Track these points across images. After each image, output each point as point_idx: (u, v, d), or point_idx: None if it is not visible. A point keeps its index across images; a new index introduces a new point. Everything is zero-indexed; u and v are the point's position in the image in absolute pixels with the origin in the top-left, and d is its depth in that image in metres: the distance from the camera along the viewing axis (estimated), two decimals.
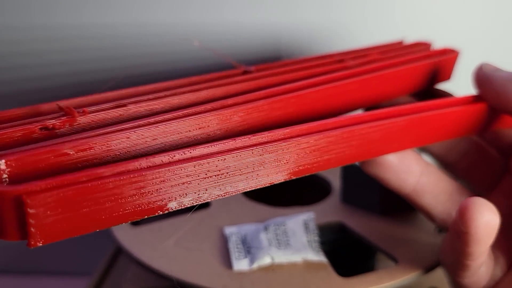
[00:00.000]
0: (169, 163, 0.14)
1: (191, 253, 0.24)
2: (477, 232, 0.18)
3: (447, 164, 0.24)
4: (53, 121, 0.14)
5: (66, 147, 0.13)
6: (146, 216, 0.14)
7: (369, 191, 0.27)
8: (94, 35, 0.35)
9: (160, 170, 0.13)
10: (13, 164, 0.12)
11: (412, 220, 0.27)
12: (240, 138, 0.15)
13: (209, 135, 0.16)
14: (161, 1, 0.35)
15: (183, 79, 0.19)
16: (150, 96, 0.17)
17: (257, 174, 0.15)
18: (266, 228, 0.24)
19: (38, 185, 0.11)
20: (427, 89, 0.25)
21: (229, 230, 0.25)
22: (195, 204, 0.15)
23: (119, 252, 0.33)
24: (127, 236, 0.25)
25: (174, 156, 0.14)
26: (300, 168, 0.17)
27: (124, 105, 0.16)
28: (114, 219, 0.13)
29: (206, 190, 0.14)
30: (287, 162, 0.16)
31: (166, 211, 0.14)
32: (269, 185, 0.16)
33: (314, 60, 0.23)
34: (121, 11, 0.35)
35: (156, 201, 0.14)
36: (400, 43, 0.27)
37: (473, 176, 0.24)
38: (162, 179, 0.13)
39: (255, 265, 0.22)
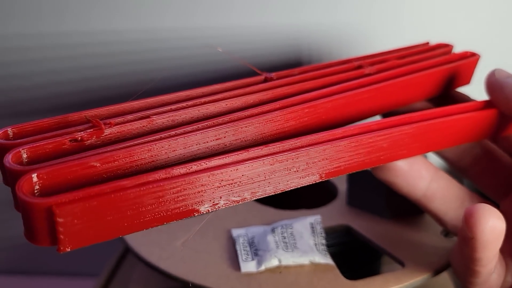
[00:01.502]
0: (186, 174, 0.14)
1: (198, 255, 0.24)
2: (483, 238, 0.18)
3: (460, 169, 0.24)
4: (81, 133, 0.15)
5: (92, 160, 0.14)
6: (164, 223, 0.15)
7: (375, 195, 0.27)
8: (105, 41, 0.36)
9: (177, 180, 0.14)
10: (44, 177, 0.13)
11: (419, 223, 0.27)
12: (253, 149, 0.16)
13: (226, 145, 0.17)
14: (180, 7, 0.35)
15: (205, 88, 0.20)
16: (173, 107, 0.18)
17: (269, 182, 0.16)
18: (273, 231, 0.25)
19: (66, 197, 0.13)
20: (446, 93, 0.25)
21: (236, 232, 0.25)
22: (210, 211, 0.15)
23: (126, 253, 0.33)
24: (135, 237, 0.25)
25: (191, 167, 0.15)
26: (310, 175, 0.17)
27: (148, 117, 0.17)
28: (135, 226, 0.14)
29: (221, 197, 0.15)
30: (297, 171, 0.17)
31: (183, 219, 0.15)
32: (280, 192, 0.17)
33: (333, 66, 0.23)
34: (135, 17, 0.35)
35: (174, 209, 0.14)
36: (426, 44, 0.27)
37: (486, 182, 0.24)
38: (179, 188, 0.14)
39: (263, 267, 0.22)
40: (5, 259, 0.43)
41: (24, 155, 0.14)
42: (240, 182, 0.15)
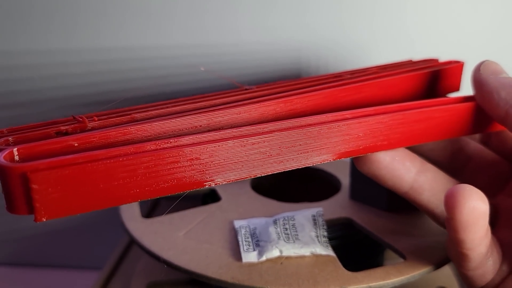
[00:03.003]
0: (156, 150, 0.15)
1: (201, 245, 0.24)
2: (462, 218, 0.18)
3: (451, 172, 0.24)
4: (66, 127, 0.16)
5: (70, 139, 0.15)
6: (138, 200, 0.15)
7: (377, 189, 0.27)
8: (108, 59, 0.38)
9: (147, 155, 0.15)
10: (25, 152, 0.14)
11: (420, 217, 0.27)
12: (223, 130, 0.17)
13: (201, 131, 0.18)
14: (179, 24, 0.36)
15: (188, 96, 0.21)
16: (153, 108, 0.19)
17: (242, 166, 0.17)
18: (275, 222, 0.25)
19: (41, 163, 0.13)
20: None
21: (238, 224, 0.25)
22: (184, 191, 0.16)
23: (130, 246, 0.33)
24: (139, 228, 0.25)
25: (161, 144, 0.15)
26: (285, 162, 0.18)
27: (129, 114, 0.18)
28: (109, 201, 0.15)
29: (193, 177, 0.16)
30: (271, 155, 0.17)
31: (155, 197, 0.16)
32: (253, 177, 0.17)
33: (314, 77, 0.24)
34: (134, 35, 0.36)
35: (145, 186, 0.15)
36: (409, 61, 0.28)
37: (478, 182, 0.24)
38: (150, 164, 0.15)
39: (264, 258, 0.23)
40: (13, 252, 0.43)
41: (12, 142, 0.16)
42: (211, 163, 0.16)
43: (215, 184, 0.17)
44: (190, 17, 0.36)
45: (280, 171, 0.18)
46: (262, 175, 0.17)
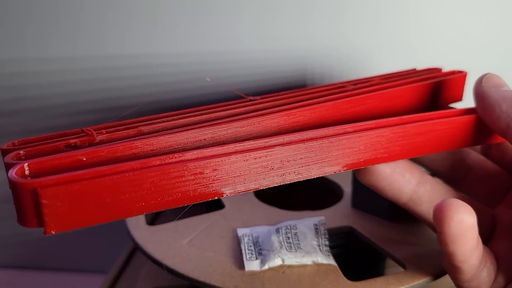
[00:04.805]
0: (161, 165, 0.16)
1: (204, 253, 0.24)
2: (450, 231, 0.18)
3: (453, 183, 0.25)
4: (75, 140, 0.17)
5: (79, 154, 0.15)
6: (144, 213, 0.16)
7: (379, 198, 0.27)
8: (114, 66, 0.38)
9: (153, 169, 0.15)
10: (35, 167, 0.15)
11: (421, 226, 0.27)
12: (226, 145, 0.17)
13: (205, 146, 0.18)
14: (184, 32, 0.37)
15: (193, 108, 0.21)
16: (159, 120, 0.19)
17: (244, 179, 0.17)
18: (277, 231, 0.25)
19: (50, 180, 0.14)
20: (439, 108, 0.26)
21: (241, 232, 0.26)
22: (188, 204, 0.17)
23: (135, 251, 0.34)
24: (144, 235, 0.26)
25: (165, 159, 0.16)
26: (286, 175, 0.18)
27: (136, 127, 0.18)
28: (115, 214, 0.15)
29: (197, 190, 0.16)
30: (273, 169, 0.18)
31: (160, 210, 0.16)
32: (255, 190, 0.18)
33: (317, 88, 0.25)
34: (139, 43, 0.37)
35: (151, 199, 0.16)
36: (413, 70, 0.28)
37: (479, 193, 0.24)
38: (155, 179, 0.15)
39: (266, 267, 0.23)
40: (20, 255, 0.44)
41: (23, 155, 0.16)
42: (215, 176, 0.17)
43: (220, 196, 0.17)
44: (195, 25, 0.36)
45: (281, 184, 0.18)
46: (263, 188, 0.18)
